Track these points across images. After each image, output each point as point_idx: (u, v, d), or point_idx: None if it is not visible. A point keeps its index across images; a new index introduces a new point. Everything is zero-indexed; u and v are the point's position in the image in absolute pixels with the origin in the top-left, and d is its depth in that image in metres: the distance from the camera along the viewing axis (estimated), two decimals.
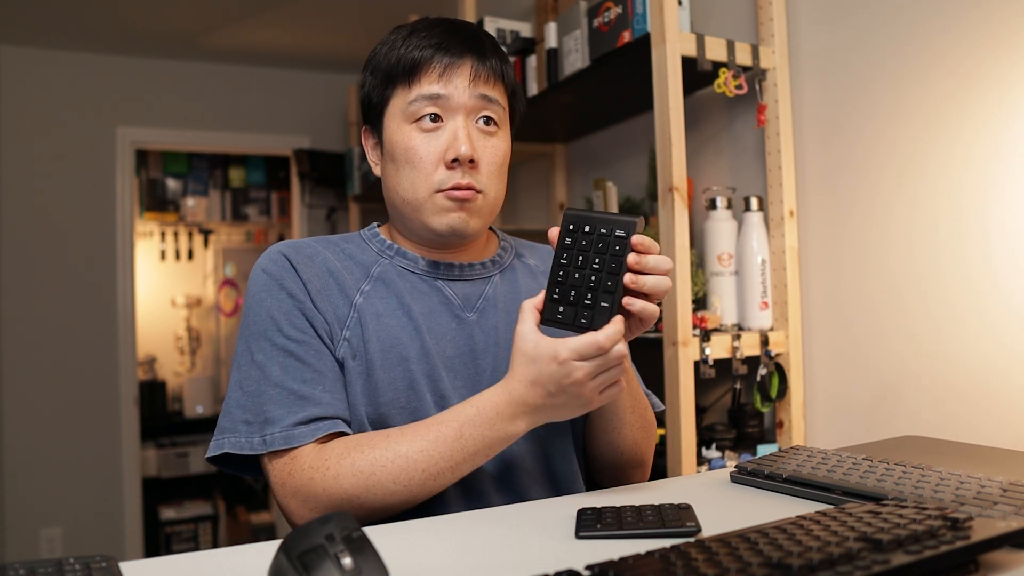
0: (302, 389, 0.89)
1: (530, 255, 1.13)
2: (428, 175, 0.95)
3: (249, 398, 0.90)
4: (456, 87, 0.95)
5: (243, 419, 0.89)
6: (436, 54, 0.95)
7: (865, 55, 1.46)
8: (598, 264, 0.84)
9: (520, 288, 1.06)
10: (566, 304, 0.85)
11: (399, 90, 0.97)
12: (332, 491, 0.85)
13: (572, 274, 0.85)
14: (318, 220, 3.89)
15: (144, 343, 4.49)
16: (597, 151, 2.32)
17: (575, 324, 0.84)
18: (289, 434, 0.87)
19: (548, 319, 0.86)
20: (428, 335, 0.96)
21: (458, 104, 0.95)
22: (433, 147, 0.95)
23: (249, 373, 0.91)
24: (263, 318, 0.93)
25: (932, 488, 0.78)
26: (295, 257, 0.96)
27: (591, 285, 0.84)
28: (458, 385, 0.97)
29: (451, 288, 1.01)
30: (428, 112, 0.95)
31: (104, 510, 3.53)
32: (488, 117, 0.97)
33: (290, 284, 0.94)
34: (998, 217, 1.24)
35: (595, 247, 0.85)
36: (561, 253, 0.86)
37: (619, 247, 0.84)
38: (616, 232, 0.84)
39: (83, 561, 0.64)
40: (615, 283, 0.83)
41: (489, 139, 0.98)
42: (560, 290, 0.85)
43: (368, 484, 0.84)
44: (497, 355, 0.99)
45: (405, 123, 0.96)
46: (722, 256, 1.59)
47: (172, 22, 3.28)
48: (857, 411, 1.48)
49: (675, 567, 0.56)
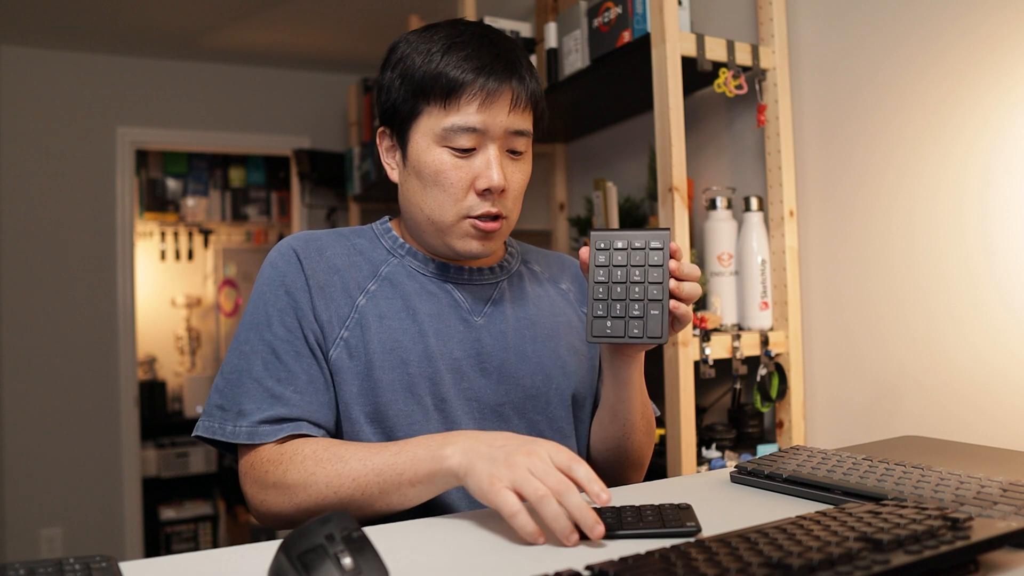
0: (275, 388, 0.91)
1: (535, 261, 1.13)
2: (457, 200, 0.94)
3: (229, 386, 0.93)
4: (495, 118, 0.93)
5: (218, 404, 0.93)
6: (478, 79, 0.92)
7: (865, 55, 1.46)
8: (639, 276, 0.88)
9: (527, 295, 1.06)
10: (614, 319, 0.88)
11: (433, 108, 0.93)
12: (280, 484, 0.87)
13: (614, 289, 0.88)
14: (318, 220, 3.89)
15: (144, 343, 4.49)
16: (597, 151, 2.32)
17: (627, 336, 0.88)
18: (253, 431, 0.90)
19: (597, 336, 0.88)
20: (434, 337, 0.97)
21: (495, 135, 0.94)
22: (464, 173, 0.94)
23: (235, 362, 0.94)
24: (260, 311, 0.95)
25: (932, 488, 0.78)
26: (304, 251, 0.98)
27: (637, 297, 0.88)
28: (464, 387, 0.97)
29: (460, 291, 1.01)
30: (463, 144, 0.93)
31: (104, 510, 3.53)
32: (516, 149, 0.97)
33: (291, 281, 0.95)
34: (999, 217, 1.24)
35: (632, 261, 0.88)
36: (597, 272, 0.89)
37: (657, 257, 0.88)
38: (652, 244, 0.88)
39: (83, 561, 0.64)
40: (661, 290, 0.87)
41: (516, 164, 0.98)
42: (604, 307, 0.88)
43: (308, 482, 0.85)
44: (504, 359, 0.99)
45: (436, 144, 0.94)
46: (722, 256, 1.59)
47: (172, 22, 3.28)
48: (857, 411, 1.48)
49: (675, 567, 0.56)
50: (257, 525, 4.31)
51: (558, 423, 1.02)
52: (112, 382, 3.57)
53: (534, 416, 1.00)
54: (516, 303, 1.04)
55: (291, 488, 0.86)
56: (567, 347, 1.05)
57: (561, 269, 1.15)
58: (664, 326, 0.87)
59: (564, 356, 1.04)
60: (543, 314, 1.06)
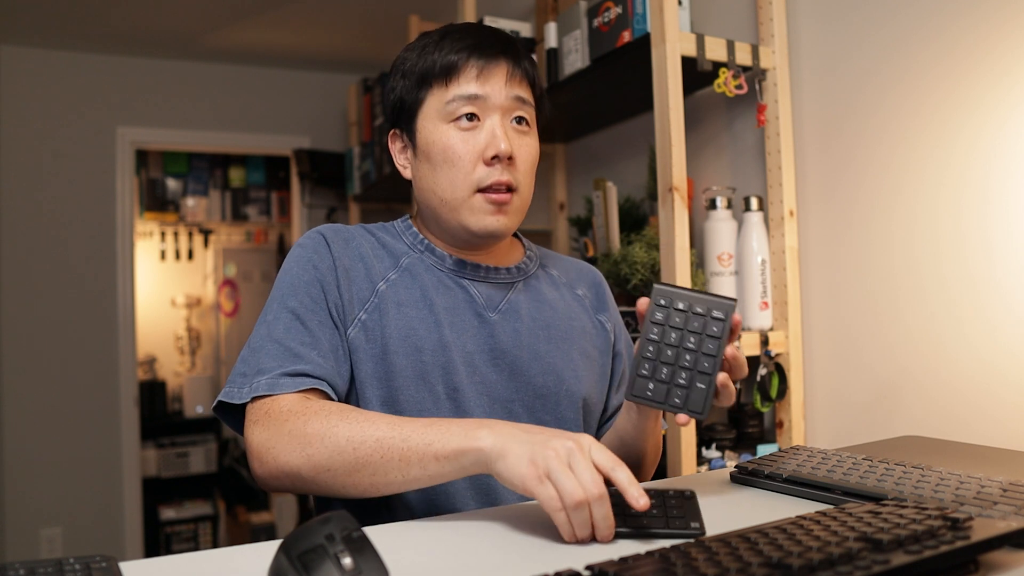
0: (298, 348, 0.90)
1: (553, 266, 1.14)
2: (467, 173, 0.97)
3: (251, 352, 0.92)
4: (493, 87, 0.97)
5: (241, 372, 0.91)
6: (472, 55, 0.97)
7: (865, 55, 1.46)
8: (693, 344, 0.83)
9: (543, 297, 1.07)
10: (657, 382, 0.83)
11: (435, 91, 0.98)
12: (296, 432, 0.82)
13: (664, 351, 0.83)
14: (318, 220, 3.88)
15: (144, 343, 4.49)
16: (597, 151, 2.32)
17: (667, 403, 0.83)
18: (275, 382, 0.87)
19: (637, 395, 0.84)
20: (449, 328, 0.98)
21: (495, 104, 0.97)
22: (471, 145, 0.97)
23: (258, 330, 0.94)
24: (286, 284, 0.96)
25: (932, 488, 0.78)
26: (332, 237, 1.00)
27: (686, 365, 0.82)
28: (476, 380, 0.98)
29: (476, 288, 1.02)
30: (466, 112, 0.97)
31: (104, 510, 3.53)
32: (521, 117, 1.00)
33: (319, 260, 0.97)
34: (999, 216, 1.24)
35: (690, 326, 0.83)
36: (651, 328, 0.84)
37: (716, 328, 0.82)
38: (714, 313, 0.83)
39: (83, 561, 0.64)
40: (712, 365, 0.82)
41: (523, 138, 1.00)
42: (650, 367, 0.84)
43: (328, 434, 0.81)
44: (517, 358, 1.00)
45: (442, 123, 0.98)
46: (722, 256, 1.59)
47: (172, 22, 3.28)
48: (857, 411, 1.48)
49: (675, 567, 0.56)
50: (257, 525, 4.31)
51: (567, 425, 1.02)
52: (112, 382, 3.57)
53: (543, 416, 1.01)
54: (532, 304, 1.05)
55: (308, 437, 0.81)
56: (580, 352, 1.06)
57: (579, 275, 1.15)
58: (707, 402, 0.81)
59: (577, 360, 1.05)
60: (559, 317, 1.06)
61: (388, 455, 0.78)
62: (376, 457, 0.79)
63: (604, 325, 1.11)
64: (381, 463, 0.79)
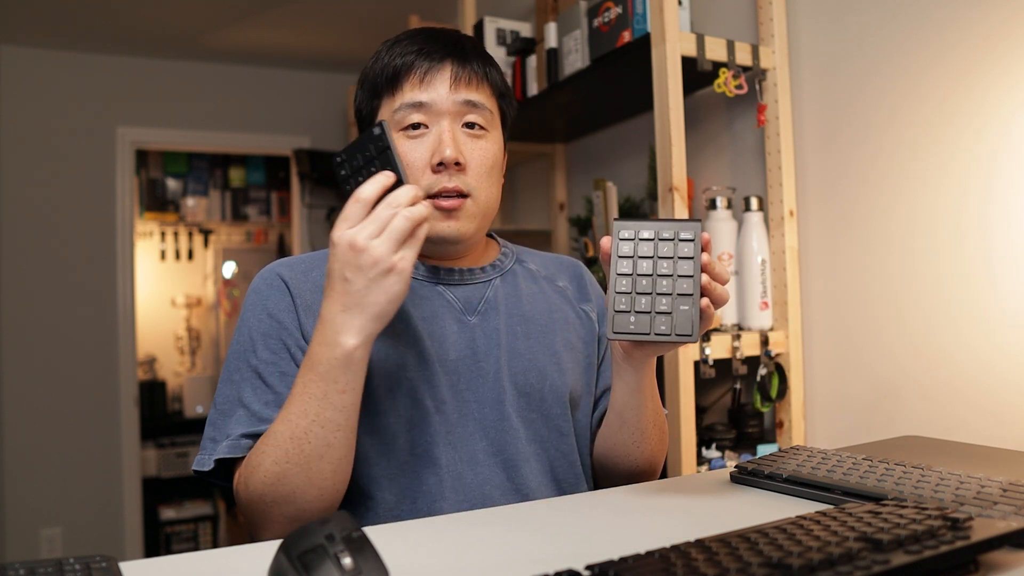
0: (262, 411, 0.91)
1: (531, 260, 1.13)
2: (416, 181, 0.95)
3: (220, 416, 0.93)
4: (438, 92, 0.95)
5: (211, 436, 0.93)
6: (416, 60, 0.96)
7: (865, 55, 1.46)
8: (667, 269, 0.81)
9: (521, 291, 1.06)
10: (638, 314, 0.81)
11: (385, 100, 0.98)
12: (251, 460, 0.86)
13: (639, 283, 0.81)
14: (318, 220, 3.89)
15: (144, 343, 4.49)
16: (597, 151, 2.32)
17: (653, 332, 0.81)
18: (234, 443, 0.89)
19: (619, 331, 0.82)
20: (428, 340, 0.96)
21: (441, 109, 0.96)
22: (419, 153, 0.95)
23: (225, 392, 0.95)
24: (245, 338, 0.96)
25: (932, 488, 0.78)
26: (288, 274, 0.98)
27: (664, 291, 0.81)
28: (461, 388, 0.97)
29: (452, 292, 1.01)
30: (413, 120, 0.95)
31: (104, 510, 3.53)
32: (472, 122, 0.98)
33: (274, 304, 0.96)
34: (999, 217, 1.24)
35: (660, 252, 0.82)
36: (620, 263, 0.83)
37: (688, 249, 0.81)
38: (682, 235, 0.82)
39: (83, 561, 0.64)
40: (692, 285, 0.80)
41: (477, 142, 0.98)
42: (627, 301, 0.81)
43: (267, 441, 0.85)
44: (499, 357, 0.99)
45: (393, 131, 0.96)
46: (722, 256, 1.59)
47: (172, 22, 3.28)
48: (857, 411, 1.48)
49: (675, 567, 0.56)
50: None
51: (554, 420, 1.01)
52: (112, 382, 3.57)
53: (530, 414, 1.00)
54: (509, 300, 1.04)
55: (258, 455, 0.85)
56: (563, 343, 1.05)
57: (559, 268, 1.14)
58: (695, 323, 0.80)
59: (559, 352, 1.04)
60: (537, 311, 1.05)
61: (310, 435, 0.82)
62: (308, 447, 0.82)
63: (588, 314, 1.10)
64: (318, 442, 0.82)
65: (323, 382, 0.82)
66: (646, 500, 0.87)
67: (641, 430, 1.01)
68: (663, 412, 1.06)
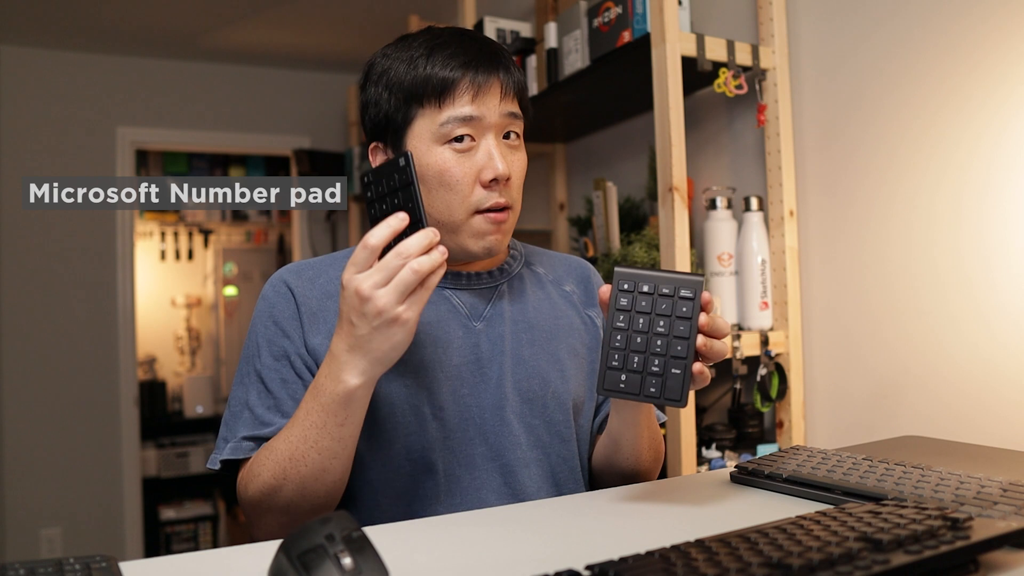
0: (265, 415, 0.94)
1: (539, 263, 1.12)
2: (465, 196, 0.94)
3: (232, 417, 0.97)
4: (488, 107, 0.94)
5: (223, 436, 0.97)
6: (468, 73, 0.93)
7: (865, 55, 1.46)
8: (663, 327, 0.79)
9: (528, 297, 1.05)
10: (629, 372, 0.79)
11: (427, 110, 0.94)
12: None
13: (633, 339, 0.79)
14: (318, 220, 3.89)
15: (144, 343, 4.49)
16: (597, 151, 2.32)
17: (642, 394, 0.79)
18: (237, 446, 0.93)
19: (609, 389, 0.80)
20: (431, 347, 0.96)
21: (489, 123, 0.94)
22: (468, 168, 0.94)
23: (236, 393, 0.98)
24: (253, 343, 0.99)
25: (932, 488, 0.78)
26: (295, 281, 0.99)
27: (658, 351, 0.78)
28: (463, 393, 0.96)
29: (458, 297, 1.01)
30: (461, 133, 0.93)
31: (104, 510, 3.53)
32: (513, 132, 0.97)
33: (279, 312, 0.98)
34: (998, 217, 1.24)
35: (658, 309, 0.79)
36: (617, 316, 0.80)
37: (686, 308, 0.79)
38: (682, 292, 0.79)
39: (83, 561, 0.64)
40: (686, 348, 0.78)
41: (516, 153, 0.98)
42: (620, 358, 0.79)
43: (267, 454, 0.89)
44: (503, 364, 0.99)
45: (435, 144, 0.93)
46: (722, 256, 1.59)
47: (172, 22, 3.28)
48: (857, 411, 1.48)
49: (675, 567, 0.56)
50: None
51: (556, 427, 1.01)
52: (112, 382, 3.57)
53: (532, 420, 0.99)
54: (514, 305, 1.03)
55: (259, 462, 0.89)
56: (567, 350, 1.04)
57: (567, 271, 1.13)
58: (685, 388, 0.78)
59: (563, 359, 1.03)
60: (542, 317, 1.04)
61: (308, 459, 0.85)
62: (305, 469, 0.86)
63: (593, 320, 1.09)
64: (317, 465, 0.85)
65: (324, 413, 0.84)
66: (646, 500, 0.87)
67: (636, 454, 1.02)
68: (659, 431, 1.07)
